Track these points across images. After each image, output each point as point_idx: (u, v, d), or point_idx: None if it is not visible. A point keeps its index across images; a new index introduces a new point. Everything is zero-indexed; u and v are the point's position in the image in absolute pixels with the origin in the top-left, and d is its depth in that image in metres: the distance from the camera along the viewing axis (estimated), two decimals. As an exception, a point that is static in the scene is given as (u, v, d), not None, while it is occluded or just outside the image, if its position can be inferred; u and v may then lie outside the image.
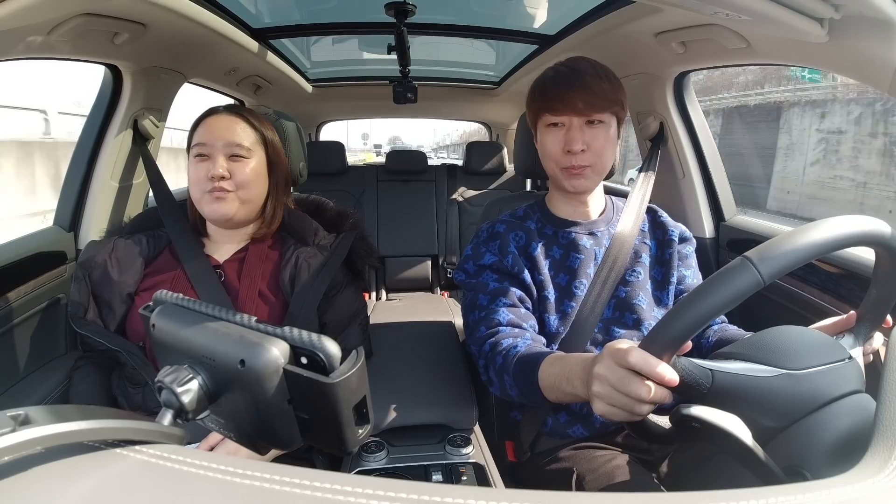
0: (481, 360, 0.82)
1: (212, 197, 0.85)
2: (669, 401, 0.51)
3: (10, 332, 0.96)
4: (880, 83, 0.72)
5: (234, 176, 0.86)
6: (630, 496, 0.26)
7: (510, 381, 0.75)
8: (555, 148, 0.84)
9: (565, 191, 0.89)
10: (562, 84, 0.82)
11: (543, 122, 0.86)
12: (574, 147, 0.81)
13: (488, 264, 0.87)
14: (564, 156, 0.83)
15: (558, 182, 0.88)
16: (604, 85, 0.81)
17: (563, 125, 0.83)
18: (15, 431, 0.24)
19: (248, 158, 0.88)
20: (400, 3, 1.32)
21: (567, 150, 0.82)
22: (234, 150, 0.86)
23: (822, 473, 0.44)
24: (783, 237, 0.47)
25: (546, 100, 0.83)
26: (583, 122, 0.82)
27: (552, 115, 0.83)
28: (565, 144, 0.83)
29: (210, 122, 0.88)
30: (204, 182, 0.85)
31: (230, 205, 0.86)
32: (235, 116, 0.90)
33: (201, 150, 0.86)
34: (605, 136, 0.83)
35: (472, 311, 0.86)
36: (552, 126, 0.84)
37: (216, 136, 0.86)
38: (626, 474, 0.76)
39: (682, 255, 0.92)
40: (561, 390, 0.65)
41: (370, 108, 3.06)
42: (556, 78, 0.83)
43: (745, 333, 0.84)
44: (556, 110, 0.82)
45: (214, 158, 0.85)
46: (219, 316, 0.44)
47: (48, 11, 0.78)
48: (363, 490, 0.24)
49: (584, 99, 0.80)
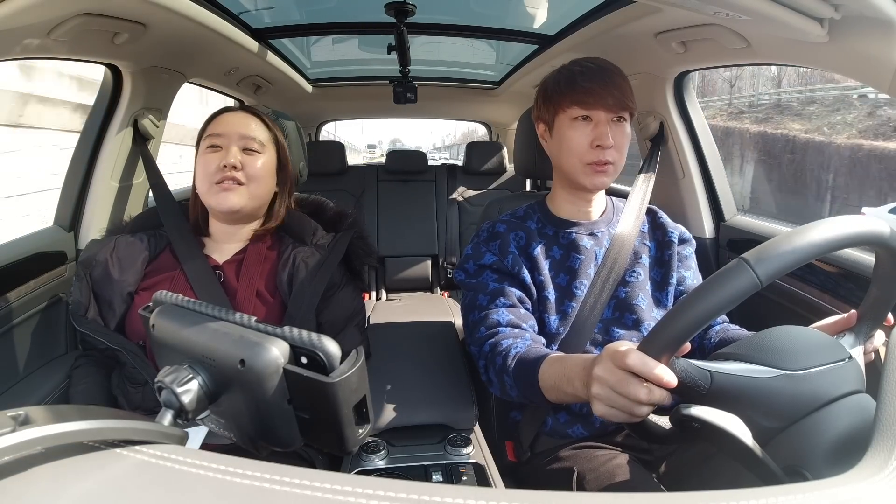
0: (481, 360, 0.82)
1: (220, 188, 0.86)
2: (668, 402, 0.51)
3: (10, 331, 0.96)
4: (880, 83, 0.72)
5: (246, 168, 0.87)
6: (630, 496, 0.26)
7: (510, 381, 0.75)
8: (581, 142, 0.84)
9: (582, 189, 0.88)
10: (594, 78, 0.82)
11: (568, 115, 0.85)
12: (606, 142, 0.82)
13: (488, 264, 0.87)
14: (591, 150, 0.83)
15: (577, 179, 0.87)
16: (626, 85, 0.83)
17: (591, 120, 0.83)
18: (15, 431, 0.24)
19: (260, 153, 0.90)
20: (400, 3, 1.32)
21: (597, 145, 0.83)
22: (248, 144, 0.88)
23: (822, 473, 0.44)
24: (781, 238, 0.46)
25: (576, 92, 0.83)
26: (611, 117, 0.83)
27: (581, 107, 0.83)
28: (595, 139, 0.83)
29: (225, 117, 0.91)
30: (214, 172, 0.86)
31: (239, 196, 0.87)
32: (250, 114, 0.93)
33: (215, 141, 0.88)
34: (627, 134, 0.85)
35: (472, 311, 0.86)
36: (579, 119, 0.84)
37: (232, 128, 0.89)
38: (627, 474, 0.76)
39: (681, 256, 0.92)
40: (561, 391, 0.65)
41: (370, 108, 3.06)
42: (587, 73, 0.83)
43: (746, 333, 0.84)
44: (586, 104, 0.82)
45: (228, 148, 0.87)
46: (218, 316, 0.44)
47: (48, 11, 0.78)
48: (363, 490, 0.24)
49: (614, 95, 0.81)
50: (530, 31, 1.63)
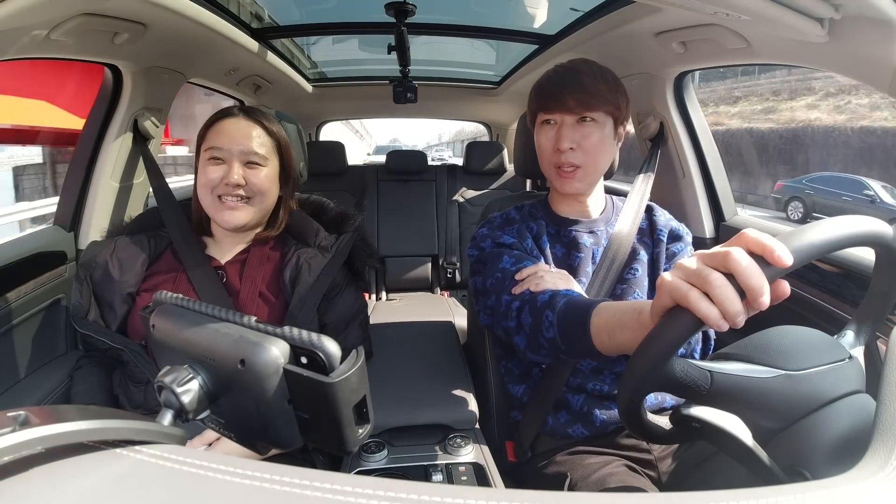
0: (516, 302, 0.75)
1: (224, 206, 0.85)
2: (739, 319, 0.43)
3: (10, 332, 0.96)
4: (880, 83, 0.72)
5: (250, 182, 0.86)
6: (630, 496, 0.27)
7: (552, 317, 0.68)
8: (546, 145, 0.86)
9: (558, 192, 0.91)
10: (556, 83, 0.83)
11: (538, 119, 0.87)
12: (562, 145, 0.82)
13: (507, 244, 0.87)
14: (554, 154, 0.85)
15: (552, 183, 0.90)
16: (599, 84, 0.82)
17: (555, 123, 0.85)
18: (15, 431, 0.24)
19: (263, 166, 0.87)
20: (400, 3, 1.32)
21: (556, 148, 0.84)
22: (251, 157, 0.86)
23: (822, 473, 0.44)
24: (780, 238, 0.46)
25: (541, 98, 0.85)
26: (574, 120, 0.83)
27: (544, 112, 0.85)
28: (556, 142, 0.84)
29: (226, 126, 0.87)
30: (217, 186, 0.85)
31: (244, 213, 0.87)
32: (252, 122, 0.88)
33: (216, 154, 0.85)
34: (599, 136, 0.83)
35: (494, 275, 0.81)
36: (545, 124, 0.86)
37: (233, 141, 0.85)
38: (618, 481, 0.76)
39: (669, 253, 0.92)
40: (614, 335, 0.59)
41: (370, 108, 3.06)
42: (553, 77, 0.85)
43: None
44: (548, 108, 0.84)
45: (230, 164, 0.85)
46: (219, 316, 0.44)
47: (48, 11, 0.78)
48: (363, 490, 0.24)
49: (575, 97, 0.81)
50: (530, 31, 1.63)
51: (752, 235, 0.41)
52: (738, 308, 0.41)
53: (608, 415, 0.84)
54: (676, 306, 0.44)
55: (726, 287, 0.41)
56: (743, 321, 0.42)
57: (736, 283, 0.41)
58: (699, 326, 0.43)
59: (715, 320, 0.41)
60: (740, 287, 0.41)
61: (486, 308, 0.84)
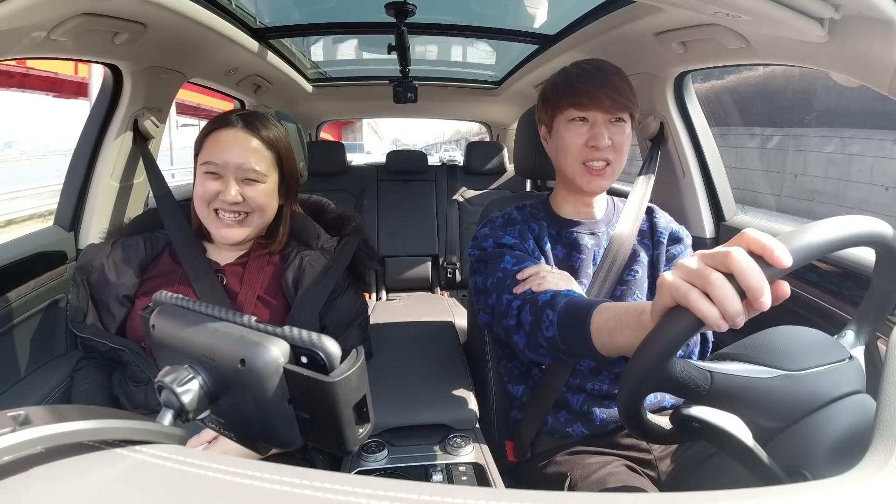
0: (517, 301, 0.76)
1: (222, 223, 0.84)
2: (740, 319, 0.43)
3: (10, 332, 0.96)
4: (880, 83, 0.72)
5: (247, 199, 0.84)
6: (630, 496, 0.27)
7: (552, 316, 0.68)
8: (576, 142, 0.84)
9: (580, 191, 0.88)
10: (589, 80, 0.82)
11: (565, 116, 0.85)
12: (601, 142, 0.82)
13: (509, 244, 0.87)
14: (586, 150, 0.84)
15: (575, 181, 0.87)
16: (625, 86, 0.83)
17: (587, 121, 0.84)
18: (15, 431, 0.24)
19: (262, 182, 0.85)
20: (400, 2, 1.32)
21: (592, 146, 0.83)
22: (248, 175, 0.84)
23: (823, 473, 0.44)
24: (780, 239, 0.46)
25: (572, 94, 0.83)
26: (607, 118, 0.83)
27: (577, 109, 0.83)
28: (590, 139, 0.83)
29: (223, 140, 0.83)
30: (214, 200, 0.84)
31: (242, 230, 0.86)
32: (250, 134, 0.84)
33: (212, 169, 0.83)
34: (627, 135, 0.85)
35: (495, 274, 0.82)
36: (575, 121, 0.84)
37: (230, 158, 0.82)
38: (618, 481, 0.76)
39: (669, 255, 0.92)
40: (613, 335, 0.59)
41: (370, 108, 3.06)
42: (583, 74, 0.84)
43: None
44: (582, 105, 0.83)
45: (227, 180, 0.82)
46: (219, 316, 0.44)
47: (48, 11, 0.78)
48: (363, 490, 0.24)
49: (610, 96, 0.81)
50: (530, 31, 1.63)
51: (752, 235, 0.42)
52: (737, 308, 0.41)
53: (608, 414, 0.84)
54: (676, 306, 0.44)
55: (726, 287, 0.41)
56: (743, 321, 0.42)
57: (736, 283, 0.41)
58: (699, 326, 0.43)
59: (714, 320, 0.41)
60: (740, 287, 0.41)
61: (487, 306, 0.84)
